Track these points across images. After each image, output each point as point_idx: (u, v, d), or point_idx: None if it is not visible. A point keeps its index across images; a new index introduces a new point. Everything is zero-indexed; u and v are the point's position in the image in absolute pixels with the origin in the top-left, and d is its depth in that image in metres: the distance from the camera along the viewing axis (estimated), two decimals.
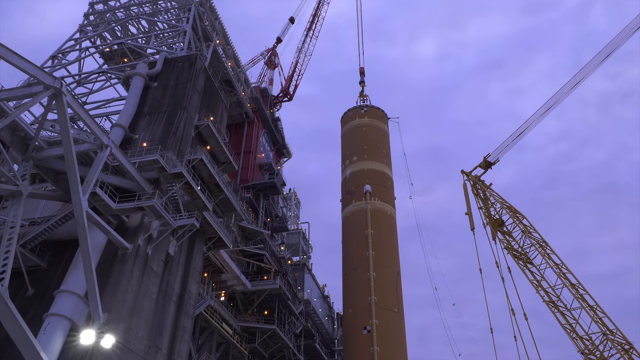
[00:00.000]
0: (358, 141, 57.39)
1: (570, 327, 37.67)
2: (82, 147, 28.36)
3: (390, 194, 55.00)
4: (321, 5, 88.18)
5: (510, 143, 45.80)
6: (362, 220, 50.45)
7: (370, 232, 48.96)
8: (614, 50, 41.78)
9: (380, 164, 54.84)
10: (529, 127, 45.35)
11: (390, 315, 45.24)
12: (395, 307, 46.38)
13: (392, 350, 43.88)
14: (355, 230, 51.27)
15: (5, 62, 22.82)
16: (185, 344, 31.83)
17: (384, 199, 52.77)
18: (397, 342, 45.72)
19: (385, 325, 44.49)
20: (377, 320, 43.85)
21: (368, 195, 51.25)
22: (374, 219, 50.51)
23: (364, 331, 44.47)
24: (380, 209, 50.87)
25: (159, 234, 31.00)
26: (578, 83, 43.30)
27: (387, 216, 51.84)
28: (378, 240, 49.72)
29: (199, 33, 52.12)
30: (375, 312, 44.99)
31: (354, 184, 54.06)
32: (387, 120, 66.76)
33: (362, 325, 45.06)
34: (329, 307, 75.20)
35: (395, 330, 45.76)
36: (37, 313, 24.80)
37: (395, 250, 52.39)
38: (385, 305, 45.58)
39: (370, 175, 53.94)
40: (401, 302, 49.27)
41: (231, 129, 62.99)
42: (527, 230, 42.71)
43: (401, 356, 45.74)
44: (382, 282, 47.38)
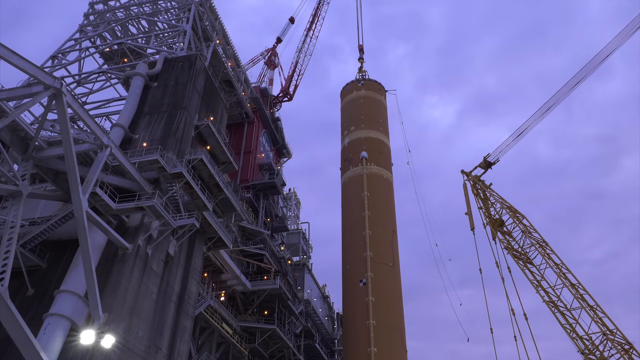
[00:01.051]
0: (355, 112, 59.84)
1: (570, 327, 37.67)
2: (82, 147, 28.35)
3: (387, 159, 57.19)
4: (321, 5, 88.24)
5: (510, 143, 45.84)
6: (358, 184, 53.34)
7: (366, 194, 51.75)
8: (614, 50, 41.81)
9: (377, 132, 57.23)
10: (528, 127, 45.37)
11: (384, 269, 48.09)
12: (390, 262, 49.14)
13: (386, 300, 46.39)
14: (352, 193, 53.91)
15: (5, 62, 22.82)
16: (185, 344, 31.83)
17: (380, 164, 55.51)
18: (392, 293, 48.16)
19: (380, 278, 47.27)
20: (372, 274, 46.58)
21: (364, 161, 54.15)
22: (370, 182, 53.30)
23: (360, 284, 47.04)
24: (376, 173, 53.84)
25: (159, 234, 31.01)
26: (578, 83, 43.33)
27: (383, 180, 54.68)
28: (374, 201, 52.24)
29: (199, 33, 52.11)
30: (371, 266, 47.65)
31: (352, 152, 56.83)
32: (384, 93, 68.33)
33: (358, 279, 47.47)
34: (329, 307, 75.20)
35: (390, 283, 48.27)
36: (37, 313, 24.79)
37: (391, 211, 54.48)
38: (380, 260, 48.28)
39: (367, 143, 56.61)
40: (397, 258, 51.37)
41: (231, 129, 62.98)
42: (527, 230, 42.72)
43: (396, 306, 47.88)
44: (377, 240, 49.74)
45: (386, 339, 43.41)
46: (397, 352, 43.46)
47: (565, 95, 44.15)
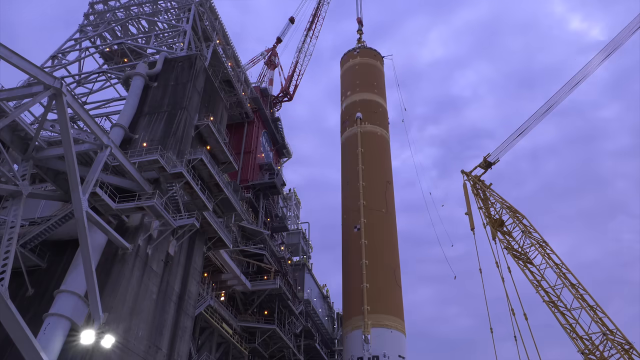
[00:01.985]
0: (352, 78, 63.63)
1: (570, 327, 37.68)
2: (82, 147, 28.35)
3: (382, 118, 60.74)
4: (321, 5, 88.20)
5: (510, 143, 45.84)
6: (354, 142, 57.24)
7: (360, 150, 55.45)
8: (614, 50, 41.83)
9: (372, 94, 60.81)
10: (529, 127, 45.37)
11: (378, 215, 51.44)
12: (383, 209, 52.46)
13: (379, 243, 49.45)
14: (349, 151, 57.68)
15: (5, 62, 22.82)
16: (185, 344, 31.84)
17: (374, 123, 59.45)
18: (385, 236, 51.36)
19: (373, 223, 50.46)
20: (366, 220, 49.77)
21: (359, 121, 58.01)
22: (365, 139, 57.13)
23: (355, 229, 50.03)
24: (370, 130, 57.74)
25: (159, 234, 31.01)
26: (578, 83, 43.35)
27: (377, 136, 58.58)
28: (368, 156, 55.95)
29: (199, 33, 52.10)
30: (364, 213, 51.00)
31: (348, 115, 60.82)
32: (380, 59, 71.25)
33: (353, 225, 50.66)
34: (329, 307, 75.19)
35: (383, 227, 51.55)
36: (37, 313, 24.77)
37: (385, 164, 58.20)
38: (373, 207, 51.57)
39: (362, 105, 60.55)
40: (391, 205, 54.72)
41: (231, 129, 62.94)
42: (527, 230, 42.72)
43: (389, 248, 50.87)
44: (371, 190, 53.25)
45: (378, 277, 46.78)
46: (389, 288, 46.75)
47: (565, 95, 44.18)
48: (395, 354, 43.22)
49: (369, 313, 44.00)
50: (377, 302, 45.12)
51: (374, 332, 43.73)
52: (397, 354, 43.36)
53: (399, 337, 44.72)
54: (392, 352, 43.07)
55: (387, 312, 45.29)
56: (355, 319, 45.65)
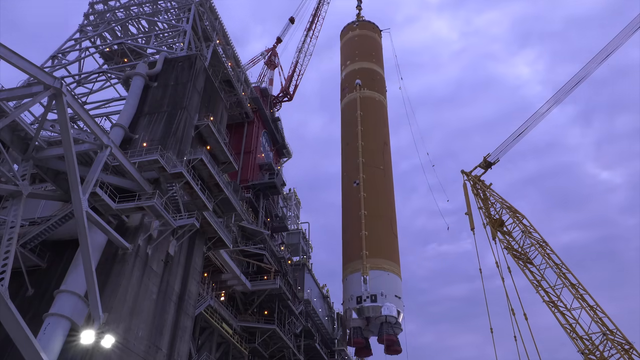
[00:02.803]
0: (351, 49, 67.16)
1: (570, 327, 37.69)
2: (82, 147, 28.35)
3: (380, 85, 64.07)
4: (321, 5, 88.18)
5: (510, 143, 45.85)
6: (353, 107, 60.70)
7: (359, 113, 58.70)
8: (614, 50, 41.84)
9: (370, 63, 64.32)
10: (529, 127, 45.39)
11: (375, 171, 54.99)
12: (380, 165, 56.11)
13: (376, 197, 52.81)
14: (348, 115, 61.08)
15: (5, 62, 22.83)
16: (185, 344, 31.83)
17: (373, 89, 62.80)
18: (382, 192, 54.79)
19: (371, 179, 53.88)
20: (364, 175, 53.24)
21: (358, 87, 61.32)
22: (363, 103, 60.52)
23: (354, 184, 53.36)
24: (369, 96, 60.93)
25: (159, 234, 31.00)
26: (579, 83, 43.38)
27: (375, 101, 61.82)
28: (367, 119, 59.31)
29: (199, 33, 52.10)
30: (363, 169, 54.43)
31: (347, 82, 63.97)
32: (378, 32, 74.28)
33: (353, 180, 54.10)
34: (329, 307, 75.16)
35: (380, 182, 54.95)
36: (37, 313, 24.77)
37: (383, 126, 61.58)
38: (371, 164, 54.96)
39: (361, 73, 64.02)
40: (388, 163, 58.53)
41: (231, 129, 62.95)
42: (527, 230, 42.73)
43: (386, 200, 54.42)
44: (369, 149, 56.54)
45: (376, 226, 50.18)
46: (386, 236, 50.42)
47: (565, 95, 44.21)
48: (392, 293, 46.13)
49: (367, 257, 47.14)
50: (374, 248, 48.36)
51: (372, 274, 46.80)
52: (393, 294, 46.33)
53: (395, 280, 47.74)
54: (389, 292, 45.97)
55: (384, 257, 48.47)
56: (354, 263, 48.77)
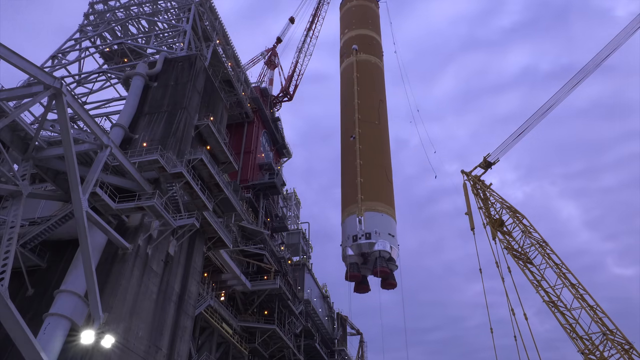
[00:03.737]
0: (349, 18, 71.41)
1: (570, 327, 37.67)
2: (82, 147, 28.35)
3: (376, 49, 67.88)
4: (321, 5, 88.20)
5: (510, 143, 45.82)
6: (351, 69, 64.22)
7: (355, 75, 62.30)
8: (614, 50, 41.84)
9: (366, 29, 68.39)
10: (529, 127, 45.36)
11: (371, 126, 58.41)
12: (376, 120, 59.43)
13: (371, 148, 56.31)
14: (346, 77, 64.90)
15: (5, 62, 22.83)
16: (185, 344, 31.83)
17: (369, 53, 66.61)
18: (377, 144, 58.21)
19: (367, 133, 57.41)
20: (360, 130, 56.86)
21: (355, 52, 65.04)
22: (360, 66, 64.29)
23: (351, 138, 56.61)
24: (365, 59, 64.60)
25: (159, 234, 31.00)
26: (579, 82, 43.36)
27: (371, 64, 65.51)
28: (363, 79, 63.04)
29: (199, 33, 52.09)
30: (359, 124, 57.95)
31: (345, 48, 67.83)
32: (375, 2, 78.71)
33: (349, 135, 57.56)
34: (329, 307, 75.20)
35: (376, 135, 58.67)
36: (37, 313, 24.76)
37: (379, 85, 64.89)
38: (367, 119, 58.53)
39: (358, 39, 67.97)
40: (383, 118, 62.09)
41: (231, 129, 62.95)
42: (527, 230, 42.71)
43: (381, 152, 58.29)
44: (365, 105, 60.11)
45: (371, 174, 53.72)
46: (380, 182, 54.06)
47: (565, 95, 44.19)
48: (385, 232, 49.13)
49: (362, 201, 50.74)
50: (369, 192, 51.74)
51: (366, 215, 49.91)
52: (387, 232, 49.32)
53: (389, 220, 50.96)
54: (383, 230, 48.93)
55: (379, 200, 51.77)
56: (351, 207, 51.98)
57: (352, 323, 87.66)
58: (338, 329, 76.39)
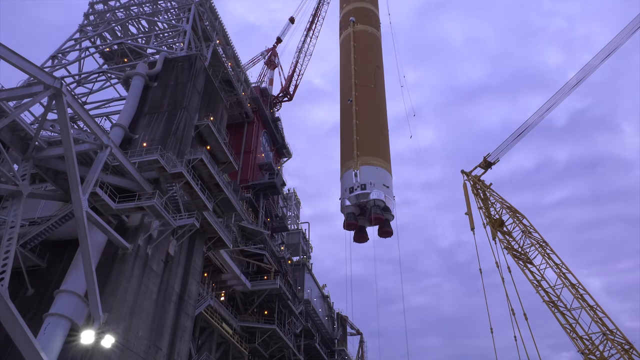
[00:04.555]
0: None
1: (570, 327, 37.66)
2: (82, 147, 28.35)
3: (373, 20, 71.10)
4: (321, 5, 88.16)
5: (510, 143, 45.80)
6: (348, 40, 67.53)
7: (352, 44, 65.37)
8: (614, 50, 41.82)
9: (363, 2, 72.06)
10: (529, 127, 45.35)
11: (367, 89, 60.94)
12: (372, 84, 62.20)
13: (367, 109, 59.28)
14: (344, 47, 68.42)
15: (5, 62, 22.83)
16: (185, 344, 31.84)
17: (366, 23, 69.57)
18: (373, 105, 60.85)
19: (364, 96, 60.02)
20: (357, 93, 59.50)
21: (352, 24, 68.12)
22: (357, 36, 67.40)
23: (348, 102, 59.60)
24: (362, 30, 67.80)
25: (159, 234, 31.00)
26: (579, 82, 43.35)
27: (368, 33, 68.55)
28: (360, 48, 65.92)
29: (199, 33, 52.10)
30: (355, 88, 60.58)
31: (344, 21, 70.94)
32: None
33: (347, 98, 60.62)
34: (329, 307, 75.21)
35: (372, 98, 61.32)
36: (37, 313, 24.80)
37: (375, 52, 67.74)
38: (363, 83, 61.26)
39: (355, 12, 71.20)
40: (379, 81, 64.53)
41: (231, 129, 62.96)
42: (527, 230, 42.69)
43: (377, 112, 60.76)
44: (361, 72, 62.79)
45: (367, 132, 56.55)
46: (376, 139, 56.85)
47: (565, 95, 44.18)
48: (380, 183, 51.52)
49: (358, 157, 53.79)
50: (365, 148, 54.50)
51: (362, 169, 52.55)
52: (381, 183, 51.72)
53: (384, 173, 53.60)
54: (377, 181, 51.45)
55: (374, 155, 54.61)
56: (348, 163, 54.89)
57: (352, 323, 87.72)
58: (338, 329, 76.40)
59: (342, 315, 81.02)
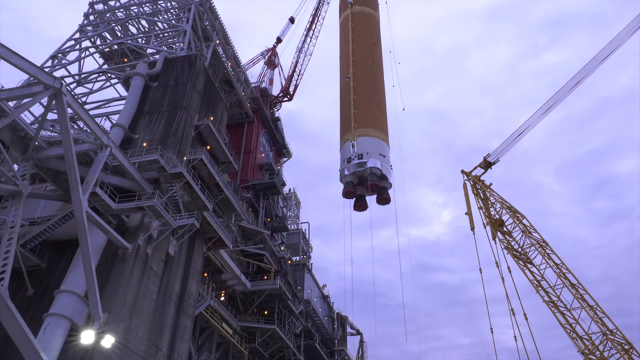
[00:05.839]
0: None
1: (570, 327, 37.64)
2: (82, 147, 28.35)
3: (371, 2, 73.45)
4: (321, 5, 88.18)
5: (510, 143, 45.77)
6: (346, 21, 70.00)
7: (350, 25, 67.81)
8: (615, 49, 41.77)
9: None
10: (529, 127, 45.32)
11: (364, 66, 63.38)
12: (369, 61, 64.66)
13: (364, 85, 61.34)
14: (343, 28, 70.96)
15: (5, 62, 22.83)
16: (185, 344, 31.83)
17: (363, 4, 72.21)
18: (370, 81, 63.30)
19: (361, 73, 62.31)
20: (354, 70, 61.89)
21: (350, 5, 71.07)
22: (355, 17, 69.96)
23: (346, 79, 61.70)
24: (360, 10, 70.58)
25: (159, 234, 31.00)
26: (579, 82, 43.29)
27: (365, 14, 71.29)
28: (357, 27, 68.30)
29: (199, 33, 52.10)
30: (353, 66, 62.87)
31: (342, 4, 73.89)
32: None
33: (345, 76, 62.61)
34: (329, 307, 75.22)
35: (369, 74, 63.67)
36: (37, 313, 24.78)
37: (372, 31, 70.16)
38: (360, 60, 63.57)
39: None
40: (377, 58, 67.02)
41: (231, 129, 62.99)
42: (527, 230, 42.66)
43: (375, 88, 62.73)
44: (359, 49, 65.11)
45: (364, 106, 58.72)
46: (373, 112, 58.86)
47: (565, 95, 44.15)
48: (376, 152, 53.66)
49: (356, 129, 56.13)
50: (362, 121, 56.72)
51: (359, 140, 54.72)
52: (378, 152, 53.81)
53: (380, 142, 55.70)
54: (374, 150, 53.57)
55: (371, 127, 56.81)
56: (346, 135, 56.95)
57: (352, 323, 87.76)
58: (338, 329, 76.42)
59: (342, 315, 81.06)
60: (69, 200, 28.15)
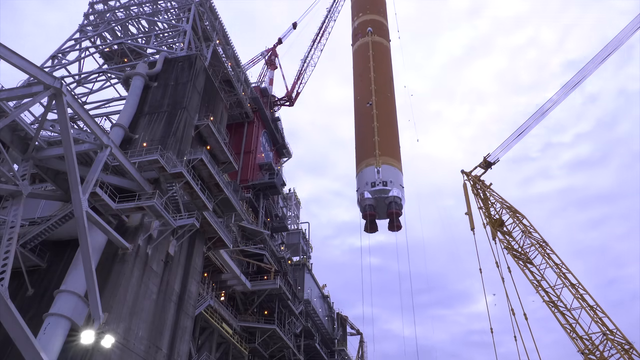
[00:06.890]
0: (363, 3, 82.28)
1: (570, 327, 37.66)
2: (82, 147, 28.35)
3: (385, 34, 78.03)
4: (327, 21, 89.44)
5: (510, 143, 45.79)
6: (366, 47, 73.24)
7: (371, 52, 71.20)
8: (615, 49, 41.80)
9: (378, 15, 79.74)
10: (529, 127, 45.35)
11: (385, 96, 67.51)
12: (388, 93, 69.20)
13: (385, 114, 65.03)
14: (360, 54, 73.89)
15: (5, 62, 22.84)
16: (185, 344, 31.83)
17: (381, 36, 76.48)
18: (389, 111, 67.53)
19: (381, 102, 66.10)
20: (376, 98, 65.49)
21: (370, 34, 74.40)
22: (374, 45, 73.29)
23: (367, 104, 65.24)
24: (377, 40, 74.81)
25: (159, 234, 31.00)
26: (579, 82, 43.33)
27: (382, 45, 75.82)
28: (376, 57, 71.66)
29: (199, 33, 52.10)
30: (375, 94, 66.33)
31: (360, 29, 77.26)
32: None
33: (366, 102, 65.99)
34: (329, 307, 75.21)
35: (388, 105, 67.83)
36: (37, 313, 24.78)
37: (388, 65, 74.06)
38: (382, 91, 67.36)
39: (371, 23, 77.57)
40: (392, 93, 70.34)
41: (231, 129, 62.99)
42: (527, 230, 42.68)
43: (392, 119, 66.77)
44: (379, 79, 68.61)
45: (385, 134, 61.88)
46: (392, 142, 62.77)
47: (565, 96, 44.18)
48: (398, 183, 57.24)
49: (380, 156, 59.26)
50: (384, 149, 59.87)
51: (383, 167, 57.72)
52: (399, 183, 57.47)
53: (399, 174, 59.45)
54: (396, 181, 57.16)
55: (392, 157, 60.35)
56: (367, 160, 59.55)
57: (352, 323, 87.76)
58: (338, 329, 76.40)
59: (342, 315, 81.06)
60: (69, 200, 28.15)
